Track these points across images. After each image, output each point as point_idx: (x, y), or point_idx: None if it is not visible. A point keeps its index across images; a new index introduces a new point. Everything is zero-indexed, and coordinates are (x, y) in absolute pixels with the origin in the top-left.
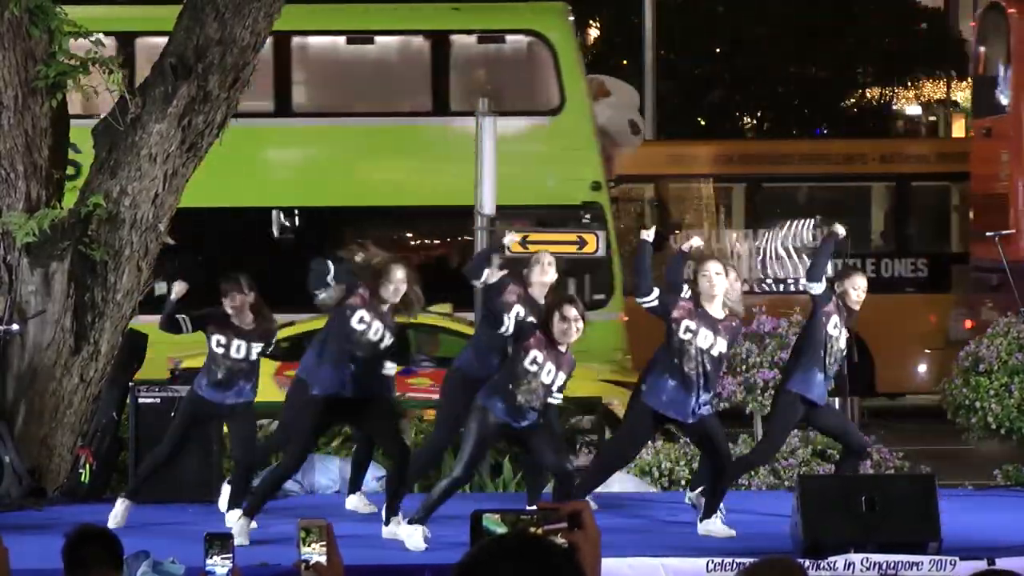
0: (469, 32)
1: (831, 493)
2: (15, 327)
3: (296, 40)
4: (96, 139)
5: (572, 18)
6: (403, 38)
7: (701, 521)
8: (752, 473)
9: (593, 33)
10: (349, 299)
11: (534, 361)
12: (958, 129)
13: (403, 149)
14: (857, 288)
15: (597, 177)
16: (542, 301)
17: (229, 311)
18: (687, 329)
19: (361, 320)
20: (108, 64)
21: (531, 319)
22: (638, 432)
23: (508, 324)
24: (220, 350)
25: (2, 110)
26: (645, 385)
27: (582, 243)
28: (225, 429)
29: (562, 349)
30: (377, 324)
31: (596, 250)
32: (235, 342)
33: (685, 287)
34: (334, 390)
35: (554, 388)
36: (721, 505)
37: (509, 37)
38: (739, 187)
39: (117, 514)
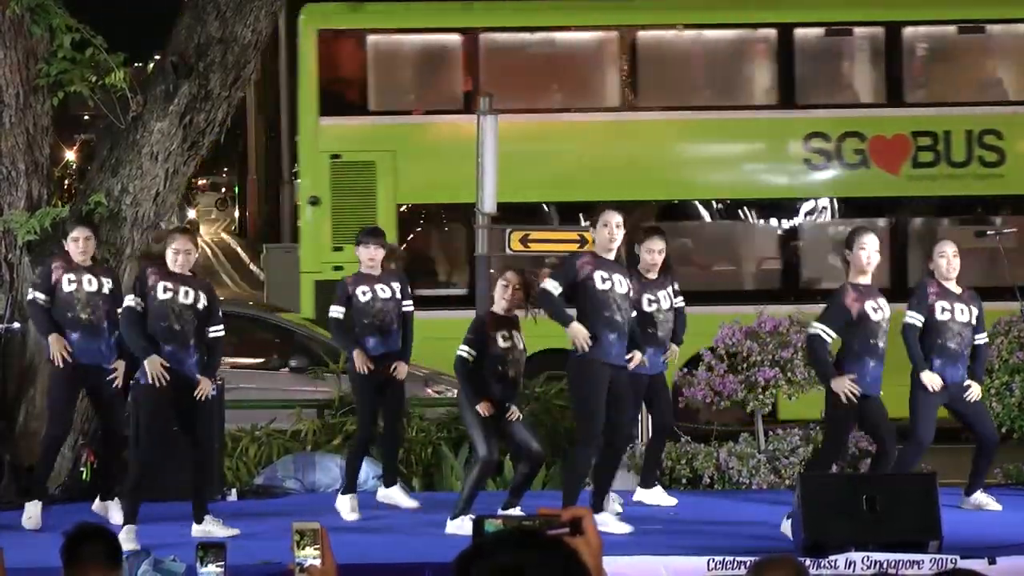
0: None
1: (832, 492)
2: (16, 325)
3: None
4: (97, 137)
5: None
6: None
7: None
8: (752, 472)
9: None
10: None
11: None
12: None
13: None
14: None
15: None
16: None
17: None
18: (943, 309)
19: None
20: (109, 63)
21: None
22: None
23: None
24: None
25: (3, 108)
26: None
27: (583, 242)
28: None
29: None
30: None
31: None
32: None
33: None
34: None
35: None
36: None
37: None
38: None
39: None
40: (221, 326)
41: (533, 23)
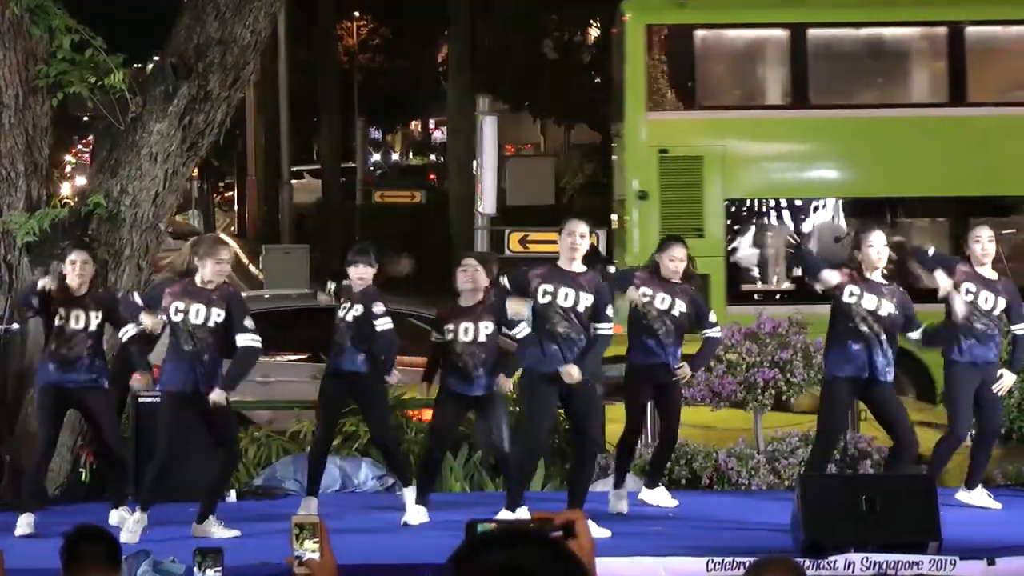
0: None
1: (831, 493)
2: (15, 326)
3: None
4: (96, 138)
5: None
6: None
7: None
8: (752, 472)
9: None
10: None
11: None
12: None
13: None
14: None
15: None
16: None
17: None
18: (851, 294)
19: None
20: (108, 64)
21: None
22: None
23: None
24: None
25: (3, 109)
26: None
27: None
28: None
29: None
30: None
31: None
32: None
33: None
34: None
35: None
36: None
37: None
38: None
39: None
40: (247, 335)
41: (860, 19)
